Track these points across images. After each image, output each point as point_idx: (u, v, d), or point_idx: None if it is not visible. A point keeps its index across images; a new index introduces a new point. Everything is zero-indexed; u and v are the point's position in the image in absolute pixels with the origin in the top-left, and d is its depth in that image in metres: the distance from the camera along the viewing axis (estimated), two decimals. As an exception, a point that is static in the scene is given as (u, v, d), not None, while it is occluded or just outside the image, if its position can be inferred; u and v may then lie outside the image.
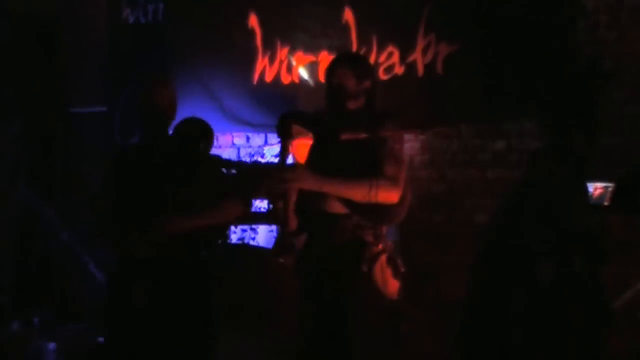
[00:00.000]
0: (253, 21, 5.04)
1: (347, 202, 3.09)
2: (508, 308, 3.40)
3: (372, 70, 3.47)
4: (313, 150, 3.40)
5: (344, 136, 3.13)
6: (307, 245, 3.27)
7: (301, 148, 4.28)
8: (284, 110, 4.53)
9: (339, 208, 3.11)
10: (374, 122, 3.16)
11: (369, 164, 3.08)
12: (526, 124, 4.49)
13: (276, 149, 4.69)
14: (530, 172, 3.24)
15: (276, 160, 4.91)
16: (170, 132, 3.45)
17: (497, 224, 3.22)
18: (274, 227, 4.53)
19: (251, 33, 5.03)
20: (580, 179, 3.53)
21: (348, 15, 4.70)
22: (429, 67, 4.45)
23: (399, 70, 4.52)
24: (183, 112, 5.17)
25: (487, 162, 4.65)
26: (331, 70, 3.31)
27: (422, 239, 4.62)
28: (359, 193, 3.05)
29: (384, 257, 3.08)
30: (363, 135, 3.10)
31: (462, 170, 4.72)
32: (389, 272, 3.08)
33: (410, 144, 4.81)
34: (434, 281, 4.56)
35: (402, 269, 3.11)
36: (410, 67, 4.51)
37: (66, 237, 4.24)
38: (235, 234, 5.13)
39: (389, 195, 3.06)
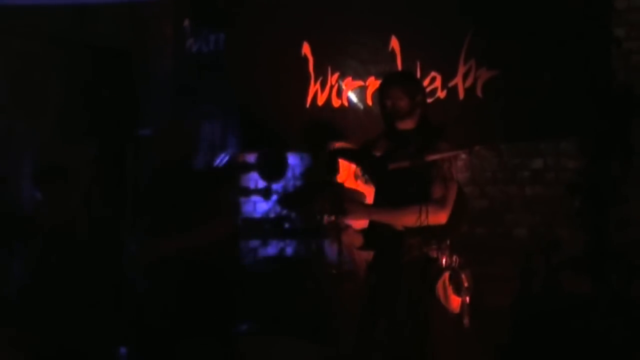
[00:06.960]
0: (306, 49, 5.19)
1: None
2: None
3: (420, 84, 3.50)
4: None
5: (392, 167, 3.16)
6: (376, 261, 3.32)
7: None
8: (334, 131, 4.86)
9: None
10: (426, 144, 3.18)
11: (420, 188, 3.11)
12: (562, 144, 4.63)
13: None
14: None
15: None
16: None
17: None
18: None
19: (304, 60, 5.21)
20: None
21: (394, 43, 4.88)
22: (469, 91, 4.65)
23: (441, 94, 4.70)
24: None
25: (525, 180, 4.76)
26: (383, 92, 3.35)
27: (465, 251, 4.81)
28: (408, 220, 3.10)
29: (446, 274, 3.10)
30: (409, 164, 3.11)
31: (502, 187, 4.82)
32: (450, 288, 3.10)
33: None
34: (475, 291, 4.73)
35: (466, 284, 3.12)
36: (452, 92, 4.69)
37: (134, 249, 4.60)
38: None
39: (437, 218, 3.08)
